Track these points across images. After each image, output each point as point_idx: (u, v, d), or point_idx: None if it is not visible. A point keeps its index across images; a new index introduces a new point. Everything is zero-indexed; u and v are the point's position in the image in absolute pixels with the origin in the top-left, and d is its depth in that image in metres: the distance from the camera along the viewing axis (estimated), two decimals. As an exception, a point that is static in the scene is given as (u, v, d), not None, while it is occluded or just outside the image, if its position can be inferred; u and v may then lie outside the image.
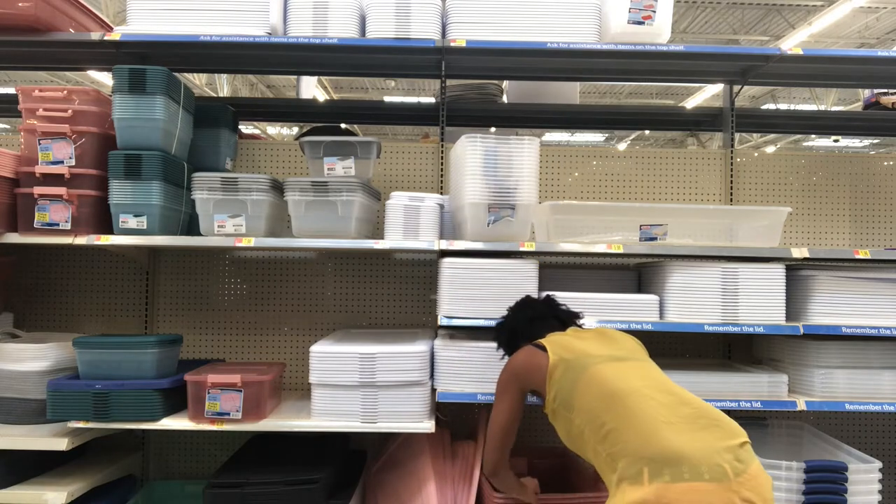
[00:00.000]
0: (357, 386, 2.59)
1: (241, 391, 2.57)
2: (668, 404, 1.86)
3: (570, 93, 4.29)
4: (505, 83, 4.25)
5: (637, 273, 3.18)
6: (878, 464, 2.54)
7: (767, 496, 1.70)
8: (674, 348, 3.33)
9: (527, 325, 2.36)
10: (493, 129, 4.08)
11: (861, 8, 9.72)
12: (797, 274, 2.82)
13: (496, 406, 2.23)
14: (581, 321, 2.46)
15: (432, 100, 4.64)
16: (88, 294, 3.30)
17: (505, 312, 2.48)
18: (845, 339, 2.76)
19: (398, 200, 2.77)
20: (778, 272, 2.73)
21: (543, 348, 2.14)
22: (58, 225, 2.65)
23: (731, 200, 3.39)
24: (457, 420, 3.14)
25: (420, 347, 2.63)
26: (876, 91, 3.95)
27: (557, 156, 3.44)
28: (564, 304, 2.47)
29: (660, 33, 2.88)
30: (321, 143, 2.86)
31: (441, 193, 3.27)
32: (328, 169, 2.85)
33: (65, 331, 3.25)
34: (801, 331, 2.69)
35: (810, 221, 3.44)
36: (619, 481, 1.76)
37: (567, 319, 2.41)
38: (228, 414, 2.57)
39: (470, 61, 3.28)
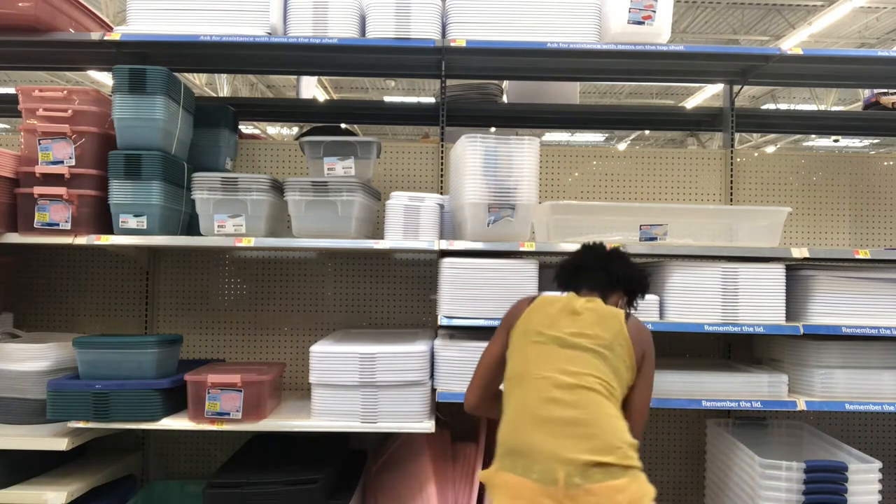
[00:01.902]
0: (357, 386, 2.58)
1: (241, 391, 2.57)
2: (555, 401, 1.85)
3: (570, 93, 4.29)
4: (505, 83, 4.25)
5: (637, 273, 3.17)
6: (878, 464, 2.54)
7: None
8: (674, 348, 3.33)
9: (572, 273, 2.26)
10: (493, 129, 4.07)
11: (861, 8, 9.71)
12: (797, 274, 2.82)
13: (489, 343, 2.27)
14: (638, 295, 2.29)
15: (432, 100, 4.64)
16: (88, 294, 3.30)
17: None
18: (845, 339, 2.76)
19: (398, 200, 2.77)
20: (778, 272, 2.73)
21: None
22: (58, 225, 2.65)
23: (731, 200, 3.39)
24: (457, 420, 3.14)
25: (420, 347, 2.63)
26: (876, 91, 3.95)
27: (557, 156, 3.44)
28: (633, 267, 2.25)
29: (660, 33, 2.88)
30: (321, 143, 2.86)
31: (441, 193, 3.27)
32: (328, 169, 2.85)
33: (65, 331, 3.25)
34: (801, 331, 2.69)
35: (810, 221, 3.44)
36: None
37: (616, 280, 2.21)
38: (228, 414, 2.57)
39: (470, 61, 3.27)
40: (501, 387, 2.12)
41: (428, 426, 2.58)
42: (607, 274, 2.20)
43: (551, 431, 1.80)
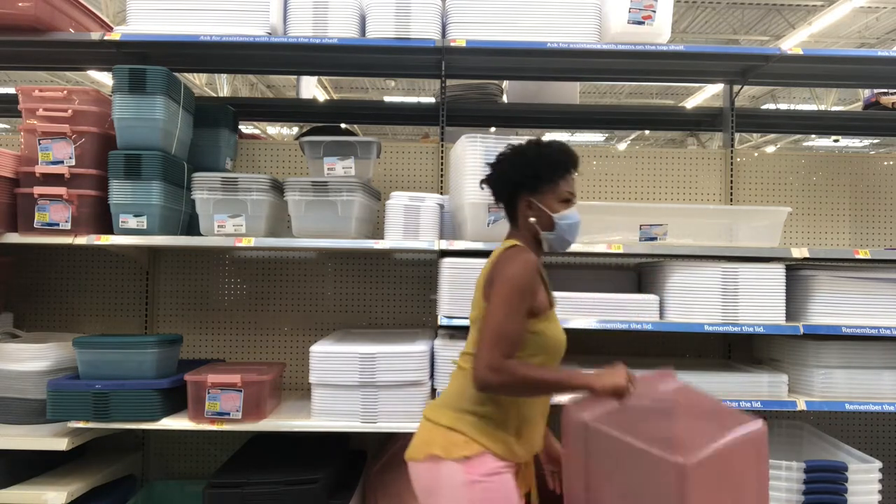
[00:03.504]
0: (357, 386, 2.59)
1: (241, 391, 2.57)
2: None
3: (570, 93, 4.29)
4: (505, 83, 4.25)
5: (637, 273, 3.18)
6: (878, 464, 2.54)
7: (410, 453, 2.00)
8: (674, 348, 3.32)
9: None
10: (493, 129, 4.07)
11: (861, 8, 9.71)
12: (797, 274, 2.82)
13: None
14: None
15: (432, 100, 4.64)
16: (88, 294, 3.30)
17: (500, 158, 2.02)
18: (845, 339, 2.76)
19: (398, 200, 2.77)
20: (778, 272, 2.73)
21: None
22: (58, 225, 2.65)
23: (731, 200, 3.39)
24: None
25: (420, 347, 2.63)
26: (876, 91, 3.95)
27: (557, 156, 3.43)
28: (498, 178, 2.02)
29: (660, 33, 2.88)
30: (321, 143, 2.86)
31: (441, 193, 3.27)
32: (328, 169, 2.85)
33: (65, 331, 3.25)
34: (801, 331, 2.69)
35: (810, 221, 3.44)
36: None
37: (501, 202, 2.03)
38: (228, 414, 2.57)
39: (470, 61, 3.27)
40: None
41: (428, 426, 2.58)
42: (495, 197, 2.06)
43: None
